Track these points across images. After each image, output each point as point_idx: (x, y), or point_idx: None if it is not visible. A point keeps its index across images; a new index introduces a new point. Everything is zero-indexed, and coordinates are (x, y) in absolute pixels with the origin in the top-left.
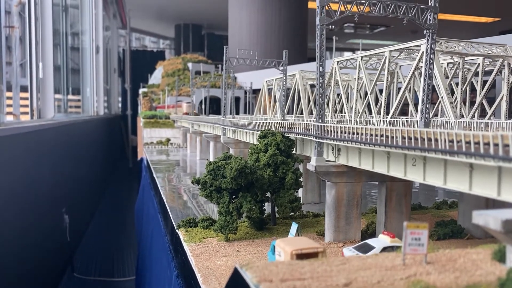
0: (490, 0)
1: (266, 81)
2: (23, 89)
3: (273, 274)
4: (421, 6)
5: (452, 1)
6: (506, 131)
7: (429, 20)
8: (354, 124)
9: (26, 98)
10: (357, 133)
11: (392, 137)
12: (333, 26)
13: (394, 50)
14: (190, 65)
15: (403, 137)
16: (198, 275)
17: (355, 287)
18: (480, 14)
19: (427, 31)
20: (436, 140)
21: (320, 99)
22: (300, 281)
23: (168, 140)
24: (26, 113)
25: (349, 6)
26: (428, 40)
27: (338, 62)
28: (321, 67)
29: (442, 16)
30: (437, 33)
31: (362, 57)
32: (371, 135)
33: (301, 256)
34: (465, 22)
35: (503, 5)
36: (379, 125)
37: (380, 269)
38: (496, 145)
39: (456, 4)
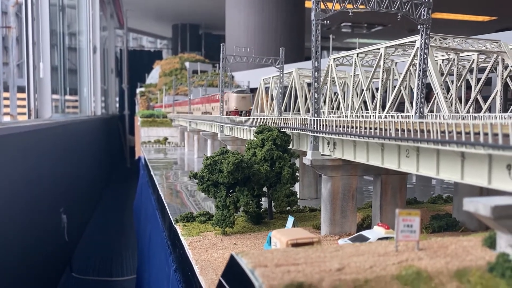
0: None
1: (263, 79)
2: (20, 89)
3: (268, 260)
4: (415, 2)
5: (449, 0)
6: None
7: (423, 15)
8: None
9: (23, 99)
10: (352, 127)
11: (386, 130)
12: (328, 22)
13: (390, 46)
14: (187, 64)
15: (396, 129)
16: (195, 267)
17: (348, 271)
18: (477, 13)
19: (421, 26)
20: (428, 131)
21: (316, 93)
22: (294, 266)
23: (166, 139)
24: (24, 113)
25: (343, 2)
26: (422, 35)
27: (334, 59)
28: (316, 62)
29: (439, 15)
30: (434, 32)
31: (357, 54)
32: (365, 128)
33: (297, 246)
34: (462, 21)
35: (500, 4)
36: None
37: (373, 255)
38: (486, 134)
39: (453, 3)
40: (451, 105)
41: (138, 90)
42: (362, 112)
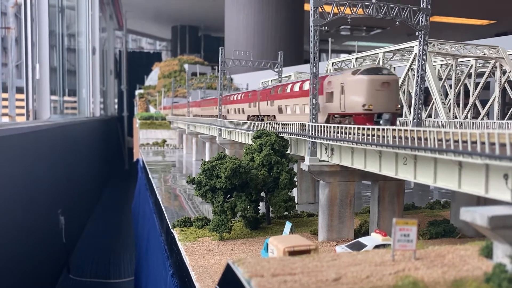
0: (485, 3)
1: (262, 82)
2: (19, 90)
3: (265, 269)
4: (413, 8)
5: (448, 4)
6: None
7: (421, 21)
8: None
9: (22, 100)
10: (350, 133)
11: (383, 137)
12: (326, 27)
13: (388, 51)
14: (186, 66)
15: (394, 137)
16: (192, 273)
17: (344, 282)
18: (476, 17)
19: (419, 32)
20: (426, 139)
21: (314, 99)
22: (291, 276)
23: (164, 141)
24: (22, 114)
25: (342, 7)
26: (420, 41)
27: (332, 63)
28: (314, 68)
29: (438, 19)
30: (434, 36)
31: (356, 58)
32: (363, 134)
33: (294, 253)
34: (461, 25)
35: (499, 7)
36: None
37: (370, 265)
38: (483, 143)
39: (452, 7)
40: (449, 110)
41: (137, 91)
42: None
